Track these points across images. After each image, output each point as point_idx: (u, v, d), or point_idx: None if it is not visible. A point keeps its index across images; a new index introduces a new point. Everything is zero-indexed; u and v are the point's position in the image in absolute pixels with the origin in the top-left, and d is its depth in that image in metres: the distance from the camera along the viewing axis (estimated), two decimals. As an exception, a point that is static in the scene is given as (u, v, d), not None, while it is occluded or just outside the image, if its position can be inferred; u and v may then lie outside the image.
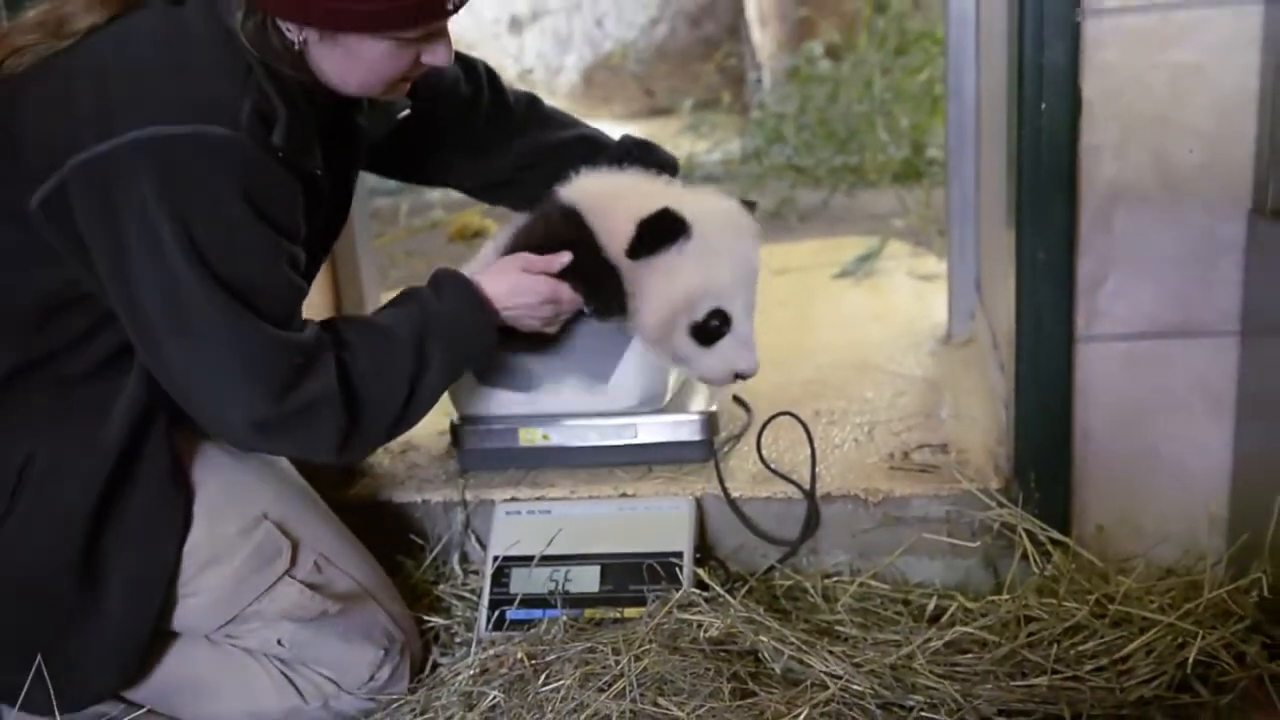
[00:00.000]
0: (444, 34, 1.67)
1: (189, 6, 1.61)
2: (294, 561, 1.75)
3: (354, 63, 1.64)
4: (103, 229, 1.54)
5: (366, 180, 2.88)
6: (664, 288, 1.91)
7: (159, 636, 1.73)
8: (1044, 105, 1.72)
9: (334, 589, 1.78)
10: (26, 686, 1.60)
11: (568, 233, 1.96)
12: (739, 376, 1.96)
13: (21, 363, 1.63)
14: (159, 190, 1.51)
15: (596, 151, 2.12)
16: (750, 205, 2.05)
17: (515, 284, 1.86)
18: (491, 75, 2.12)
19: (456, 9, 1.63)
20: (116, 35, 1.59)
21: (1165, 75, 1.72)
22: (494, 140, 2.10)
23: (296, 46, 1.60)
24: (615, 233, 1.93)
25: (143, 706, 1.74)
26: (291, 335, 1.62)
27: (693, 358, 1.96)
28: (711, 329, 1.92)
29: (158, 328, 1.57)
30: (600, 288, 1.93)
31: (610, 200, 1.97)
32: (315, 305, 3.00)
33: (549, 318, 1.91)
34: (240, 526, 1.73)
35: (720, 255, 1.92)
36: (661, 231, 1.89)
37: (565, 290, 1.89)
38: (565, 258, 1.90)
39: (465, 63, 2.06)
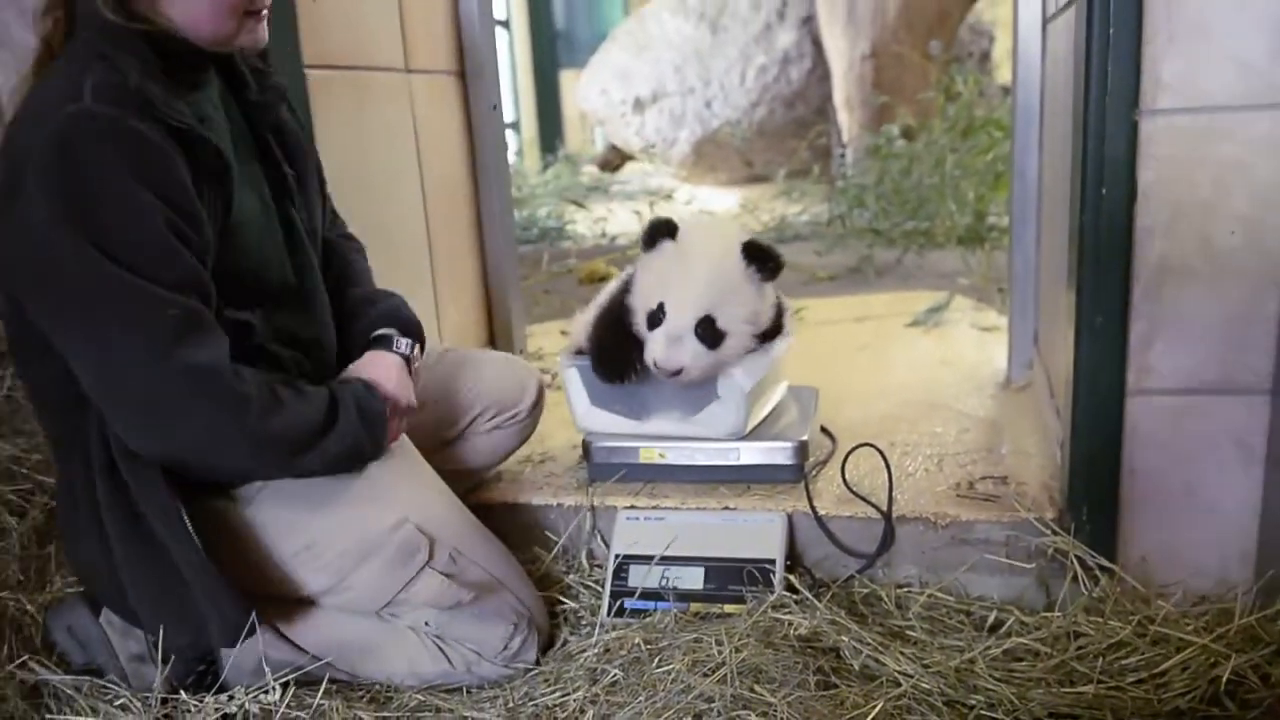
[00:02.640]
0: None
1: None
2: (432, 555, 1.74)
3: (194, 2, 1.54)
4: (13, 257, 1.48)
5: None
6: (641, 275, 2.04)
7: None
8: (1104, 191, 1.69)
9: (467, 578, 1.77)
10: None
11: (617, 297, 2.12)
12: (656, 365, 1.96)
13: None
14: (35, 189, 1.43)
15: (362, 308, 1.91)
16: (762, 251, 1.98)
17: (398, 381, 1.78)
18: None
19: None
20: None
21: (1211, 167, 1.67)
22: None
23: (144, 11, 1.53)
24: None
25: (324, 659, 1.78)
26: (171, 294, 1.46)
27: (644, 337, 2.01)
28: (655, 316, 1.98)
29: (64, 317, 1.47)
30: (606, 359, 2.05)
31: None
32: (472, 333, 3.06)
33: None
34: (386, 527, 1.72)
35: (677, 263, 1.97)
36: (656, 230, 2.02)
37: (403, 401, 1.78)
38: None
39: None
